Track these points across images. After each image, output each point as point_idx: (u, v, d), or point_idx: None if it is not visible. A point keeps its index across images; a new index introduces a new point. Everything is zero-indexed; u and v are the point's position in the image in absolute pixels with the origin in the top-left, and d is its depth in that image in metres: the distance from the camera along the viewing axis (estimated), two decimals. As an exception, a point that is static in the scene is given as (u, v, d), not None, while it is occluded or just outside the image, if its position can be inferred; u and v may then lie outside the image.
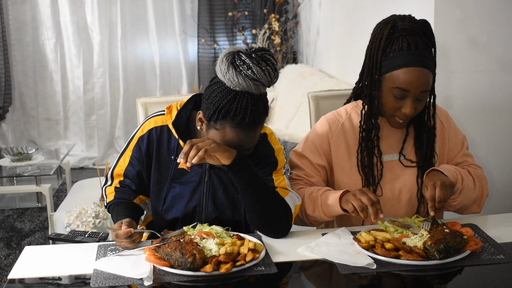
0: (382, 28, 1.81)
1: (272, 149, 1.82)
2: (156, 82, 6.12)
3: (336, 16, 4.55)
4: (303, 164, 1.94)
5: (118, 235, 1.62)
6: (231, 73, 1.59)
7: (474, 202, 1.91)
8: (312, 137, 1.96)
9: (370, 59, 1.83)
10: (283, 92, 4.97)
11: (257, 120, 1.64)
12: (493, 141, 2.71)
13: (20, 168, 4.33)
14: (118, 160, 1.89)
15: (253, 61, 1.59)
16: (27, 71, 5.88)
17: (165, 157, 1.82)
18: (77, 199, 3.39)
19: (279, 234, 1.77)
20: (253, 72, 1.58)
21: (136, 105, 2.41)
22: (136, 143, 1.84)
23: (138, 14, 5.99)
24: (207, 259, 1.52)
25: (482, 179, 1.94)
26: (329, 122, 1.95)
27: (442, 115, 1.98)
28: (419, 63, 1.75)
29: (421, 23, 1.79)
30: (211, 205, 1.82)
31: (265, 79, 1.60)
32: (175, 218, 1.84)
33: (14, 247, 3.73)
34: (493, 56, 2.65)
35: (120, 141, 6.01)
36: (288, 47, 5.96)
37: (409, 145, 1.92)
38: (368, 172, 1.88)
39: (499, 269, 1.54)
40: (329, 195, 1.82)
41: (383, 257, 1.56)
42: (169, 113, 1.82)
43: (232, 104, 1.60)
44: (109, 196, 1.88)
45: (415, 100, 1.78)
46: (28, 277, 1.57)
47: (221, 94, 1.62)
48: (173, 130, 1.79)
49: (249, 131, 1.64)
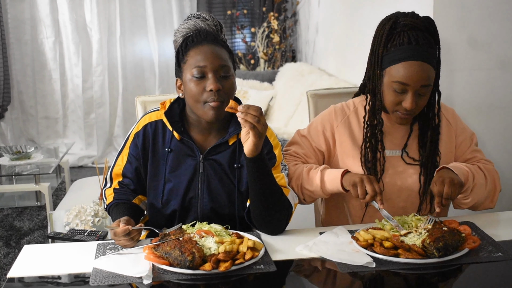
0: (384, 24, 1.83)
1: (270, 144, 1.83)
2: (155, 81, 6.12)
3: (335, 14, 4.55)
4: (304, 143, 1.98)
5: (116, 233, 1.63)
6: (184, 24, 1.86)
7: (487, 198, 1.91)
8: (317, 122, 2.00)
9: (373, 54, 1.85)
10: (282, 90, 4.97)
11: (213, 36, 1.79)
12: (493, 139, 2.71)
13: (19, 166, 4.33)
14: (116, 160, 1.92)
15: (197, 16, 1.85)
16: (26, 70, 5.88)
17: (161, 150, 1.85)
18: (76, 198, 3.39)
19: (278, 231, 1.79)
20: (198, 15, 1.86)
21: (135, 103, 2.41)
22: (132, 140, 1.87)
23: (137, 13, 5.99)
24: (206, 258, 1.53)
25: (493, 174, 1.94)
26: (336, 111, 1.99)
27: (448, 113, 1.98)
28: (419, 57, 1.75)
29: (424, 19, 1.81)
30: (207, 196, 1.83)
31: (211, 18, 1.84)
32: (173, 211, 1.85)
33: (13, 246, 3.73)
34: (493, 54, 2.65)
35: (119, 139, 6.01)
36: (287, 46, 5.96)
37: (413, 143, 1.93)
38: (371, 167, 1.89)
39: (497, 266, 1.54)
40: (330, 171, 1.86)
41: (382, 256, 1.56)
42: (163, 107, 1.87)
43: (187, 34, 1.82)
44: (109, 198, 1.91)
45: (416, 95, 1.79)
46: (27, 276, 1.57)
47: (183, 38, 1.84)
48: (167, 121, 1.82)
49: (211, 45, 1.77)
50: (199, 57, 1.75)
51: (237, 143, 1.84)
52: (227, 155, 1.83)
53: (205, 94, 1.73)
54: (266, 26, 5.82)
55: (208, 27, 1.83)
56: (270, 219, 1.76)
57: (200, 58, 1.75)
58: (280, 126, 4.29)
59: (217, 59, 1.75)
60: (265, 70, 5.92)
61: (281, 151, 1.85)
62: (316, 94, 2.34)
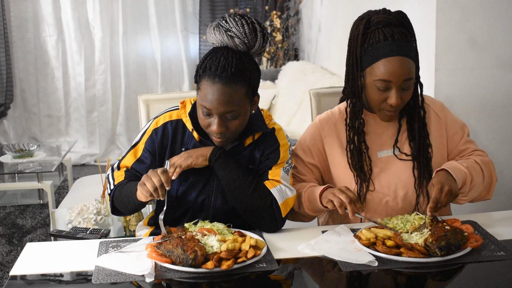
0: (358, 25, 1.83)
1: (278, 143, 1.84)
2: (157, 79, 6.12)
3: (337, 13, 4.55)
4: (296, 162, 1.97)
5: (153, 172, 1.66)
6: (213, 30, 1.74)
7: (484, 190, 1.94)
8: (304, 138, 2.00)
9: (350, 56, 1.85)
10: (285, 89, 4.97)
11: (230, 73, 1.66)
12: (495, 139, 2.71)
13: (22, 165, 4.34)
14: (128, 152, 1.89)
15: (233, 19, 1.73)
16: (29, 68, 5.89)
17: (179, 150, 1.84)
18: (79, 196, 3.39)
19: (268, 227, 1.79)
20: (229, 27, 1.71)
21: (138, 102, 2.41)
22: (149, 135, 1.86)
23: (140, 11, 5.98)
24: (208, 256, 1.53)
25: (489, 165, 1.94)
26: (322, 122, 1.98)
27: (436, 106, 1.98)
28: (397, 52, 1.76)
29: (396, 14, 1.81)
30: (220, 198, 1.83)
31: (240, 34, 1.70)
32: (185, 210, 1.85)
33: (15, 244, 3.74)
34: (493, 54, 2.65)
35: (122, 138, 6.01)
36: (289, 44, 5.96)
37: (403, 138, 1.93)
38: (358, 168, 1.89)
39: (500, 265, 1.54)
40: (312, 191, 1.85)
41: (384, 255, 1.56)
42: (183, 107, 1.86)
43: (209, 58, 1.71)
44: (118, 178, 1.86)
45: (400, 90, 1.79)
46: (30, 274, 1.57)
47: (205, 55, 1.75)
48: (189, 121, 1.82)
49: (223, 85, 1.66)
50: (208, 97, 1.68)
51: (253, 144, 1.84)
52: (243, 158, 1.84)
53: (211, 128, 1.73)
54: (268, 24, 5.82)
55: (235, 46, 1.72)
56: (248, 212, 1.78)
57: (209, 99, 1.68)
58: (282, 124, 4.26)
59: (224, 105, 1.67)
60: (267, 68, 5.91)
61: (287, 150, 1.85)
62: (318, 93, 2.34)
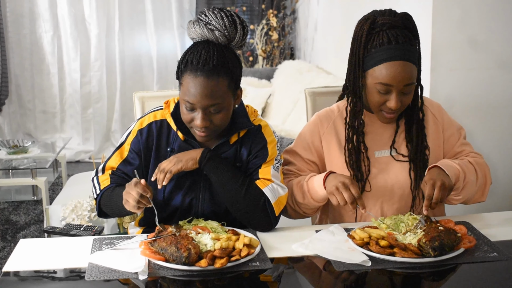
0: (362, 25, 1.82)
1: (265, 140, 1.83)
2: (153, 76, 6.11)
3: (334, 12, 4.55)
4: (295, 159, 1.96)
5: (137, 184, 1.65)
6: (193, 25, 1.73)
7: (477, 192, 1.92)
8: (304, 134, 1.98)
9: (353, 56, 1.85)
10: (280, 88, 4.97)
11: (212, 66, 1.66)
12: (493, 139, 2.71)
13: (16, 161, 4.33)
14: (113, 153, 1.88)
15: (212, 12, 1.73)
16: (24, 64, 5.87)
17: (164, 150, 1.84)
18: (73, 193, 3.38)
19: (262, 227, 1.79)
20: (209, 20, 1.71)
21: (133, 99, 2.41)
22: (135, 136, 1.85)
23: (136, 8, 5.97)
24: (202, 254, 1.53)
25: (484, 167, 1.94)
26: (321, 119, 1.97)
27: (433, 108, 1.98)
28: (400, 57, 1.75)
29: (402, 16, 1.80)
30: (208, 198, 1.82)
31: (220, 26, 1.70)
32: (173, 211, 1.84)
33: (9, 240, 3.73)
34: (492, 54, 2.66)
35: (117, 134, 6.00)
36: (285, 43, 5.96)
37: (401, 139, 1.93)
38: (356, 168, 1.89)
39: (492, 266, 1.54)
40: (314, 180, 1.84)
41: (377, 254, 1.56)
42: (167, 107, 1.85)
43: (190, 53, 1.70)
44: (104, 183, 1.85)
45: (400, 94, 1.79)
46: (23, 270, 1.57)
47: (185, 50, 1.73)
48: (172, 121, 1.81)
49: (205, 78, 1.65)
50: (191, 91, 1.67)
51: (239, 141, 1.84)
52: (229, 155, 1.83)
53: (194, 123, 1.72)
54: (265, 23, 5.82)
55: (216, 39, 1.72)
56: (240, 212, 1.78)
57: (191, 93, 1.67)
58: (277, 123, 4.28)
59: (207, 98, 1.66)
60: (263, 67, 5.91)
61: (275, 147, 1.85)
62: (314, 92, 2.34)
